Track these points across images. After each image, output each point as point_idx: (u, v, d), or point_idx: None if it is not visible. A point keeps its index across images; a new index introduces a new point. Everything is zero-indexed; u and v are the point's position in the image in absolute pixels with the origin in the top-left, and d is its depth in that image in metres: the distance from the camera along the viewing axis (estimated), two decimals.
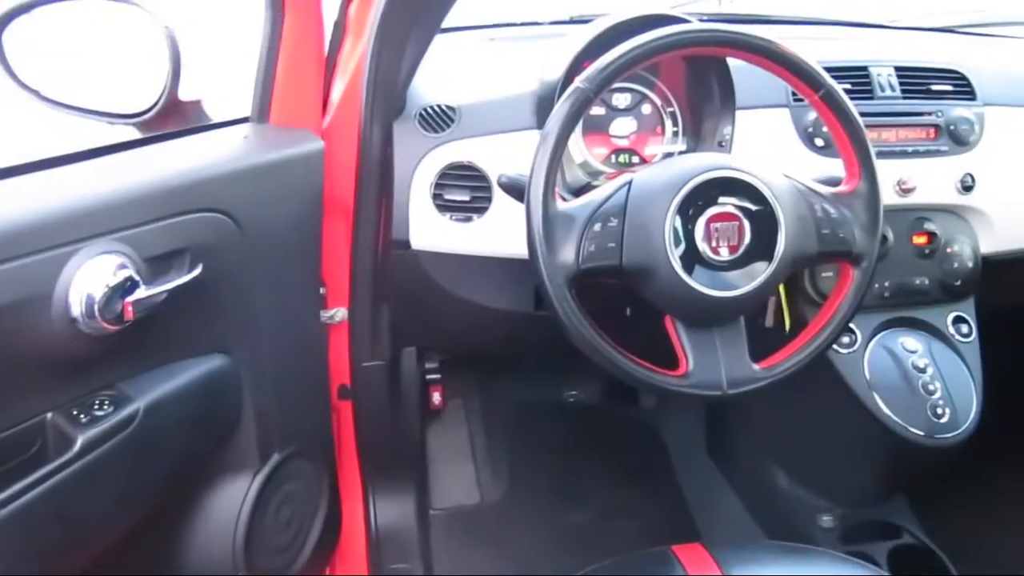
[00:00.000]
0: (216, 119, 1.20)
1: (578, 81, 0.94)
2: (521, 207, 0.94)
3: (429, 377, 1.65)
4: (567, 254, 0.92)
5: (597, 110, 1.27)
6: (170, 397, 1.00)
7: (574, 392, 1.98)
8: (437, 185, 1.18)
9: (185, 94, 1.09)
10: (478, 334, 1.45)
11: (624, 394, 1.95)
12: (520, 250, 0.96)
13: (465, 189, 1.19)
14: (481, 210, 1.19)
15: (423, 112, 1.20)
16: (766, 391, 0.98)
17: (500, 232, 1.18)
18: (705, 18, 1.40)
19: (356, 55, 1.18)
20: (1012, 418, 1.70)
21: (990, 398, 1.29)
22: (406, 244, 1.21)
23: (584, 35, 1.20)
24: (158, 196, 0.95)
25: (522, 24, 1.54)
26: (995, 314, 1.37)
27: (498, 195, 1.17)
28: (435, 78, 1.26)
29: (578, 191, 1.17)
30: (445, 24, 1.17)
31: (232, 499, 1.17)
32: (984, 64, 1.41)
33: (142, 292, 0.89)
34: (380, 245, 1.25)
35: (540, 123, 1.18)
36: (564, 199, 0.96)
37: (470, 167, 1.18)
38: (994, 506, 1.75)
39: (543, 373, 1.95)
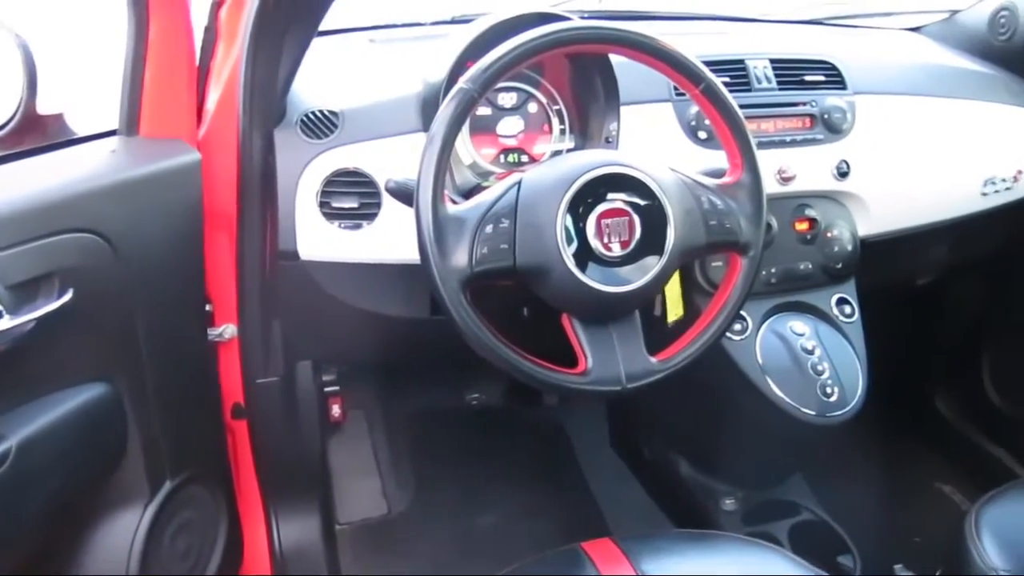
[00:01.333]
0: (81, 133, 1.13)
1: (462, 82, 0.93)
2: (411, 212, 0.93)
3: (327, 390, 1.61)
4: (460, 258, 0.91)
5: (483, 110, 1.26)
6: (46, 432, 0.94)
7: (476, 395, 1.96)
8: (323, 193, 1.15)
9: (44, 107, 1.03)
10: (375, 343, 1.42)
11: (526, 394, 1.95)
12: (413, 255, 0.94)
13: (353, 196, 1.16)
14: (370, 216, 1.16)
15: (304, 118, 1.16)
16: (664, 383, 1.00)
17: (391, 238, 1.16)
18: (586, 15, 1.42)
19: (230, 61, 1.13)
20: (894, 392, 1.79)
21: (874, 374, 1.34)
22: (294, 255, 1.17)
23: (466, 35, 1.19)
24: (19, 217, 0.89)
25: (403, 25, 1.51)
26: (874, 293, 1.43)
27: (387, 200, 1.14)
28: (315, 83, 1.23)
29: (468, 193, 1.16)
30: (323, 27, 1.14)
31: (123, 533, 1.12)
32: (851, 54, 1.47)
33: (6, 322, 0.84)
34: (267, 257, 1.20)
35: (426, 125, 1.16)
36: (454, 202, 0.95)
37: (357, 173, 1.15)
38: (883, 476, 1.84)
39: (444, 378, 1.93)
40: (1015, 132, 1.53)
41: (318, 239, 1.16)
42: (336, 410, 1.67)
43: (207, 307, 1.22)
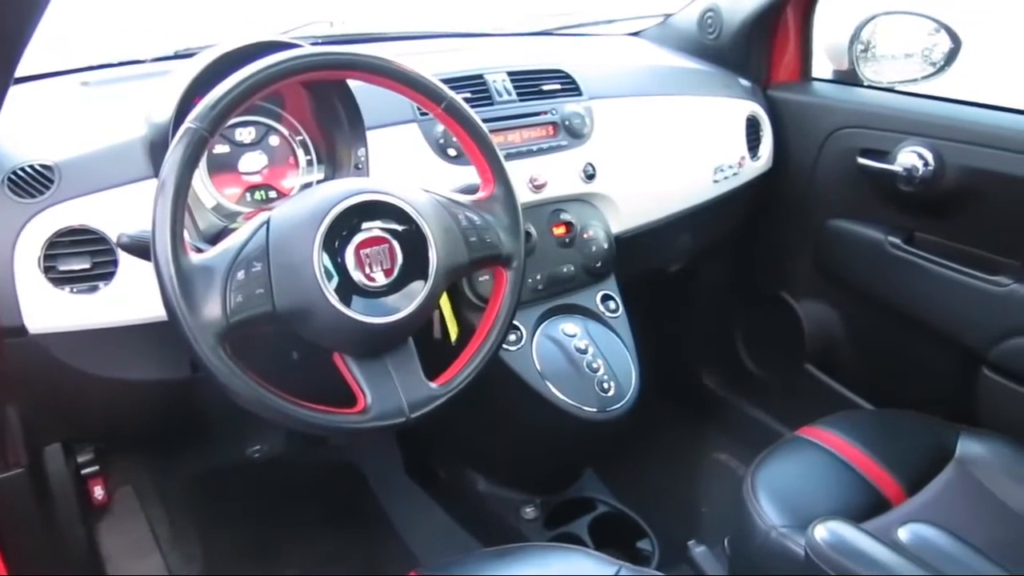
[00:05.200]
0: None
1: (189, 120, 0.87)
2: (152, 266, 0.85)
3: (84, 471, 1.45)
4: (212, 310, 0.84)
5: (221, 147, 1.18)
6: None
7: (257, 447, 1.85)
8: (47, 257, 1.02)
9: None
10: (135, 412, 1.30)
11: (311, 437, 1.87)
12: (162, 312, 0.86)
13: (83, 256, 1.04)
14: (107, 276, 1.05)
15: (12, 176, 1.03)
16: (449, 404, 0.98)
17: (135, 296, 1.05)
18: (318, 41, 1.38)
19: None
20: (665, 375, 1.89)
21: (645, 362, 1.40)
22: (20, 330, 1.04)
23: (191, 69, 1.11)
24: None
25: (120, 64, 1.39)
26: (634, 286, 1.50)
27: (124, 257, 1.04)
28: (21, 135, 1.10)
29: (215, 238, 1.08)
30: (23, 71, 1.02)
31: None
32: (582, 62, 1.54)
33: None
34: None
35: (156, 171, 1.07)
36: (199, 250, 0.88)
37: (84, 230, 1.04)
38: (666, 456, 1.94)
39: (219, 435, 1.81)
40: (734, 122, 1.67)
41: (48, 309, 1.04)
42: (99, 491, 1.51)
43: None
